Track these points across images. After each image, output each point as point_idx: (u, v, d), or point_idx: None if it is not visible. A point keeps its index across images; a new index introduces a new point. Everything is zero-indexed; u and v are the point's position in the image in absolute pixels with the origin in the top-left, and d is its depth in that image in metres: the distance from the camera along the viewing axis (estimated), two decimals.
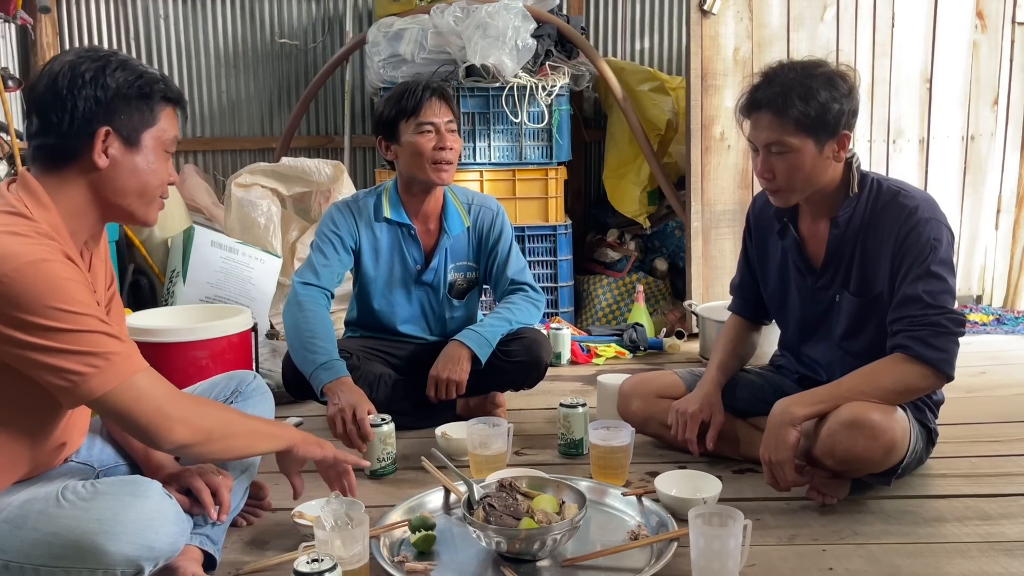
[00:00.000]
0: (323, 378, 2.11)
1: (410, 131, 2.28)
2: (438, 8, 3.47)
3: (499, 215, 2.49)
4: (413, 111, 2.26)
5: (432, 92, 2.28)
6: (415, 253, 2.42)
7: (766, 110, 1.82)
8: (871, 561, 1.62)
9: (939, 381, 1.79)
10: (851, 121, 1.84)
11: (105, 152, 1.38)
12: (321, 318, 2.23)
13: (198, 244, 3.13)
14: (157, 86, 1.42)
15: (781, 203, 1.93)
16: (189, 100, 4.35)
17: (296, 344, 2.20)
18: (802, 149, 1.81)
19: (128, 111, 1.39)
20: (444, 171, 2.30)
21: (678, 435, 2.08)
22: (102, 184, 1.40)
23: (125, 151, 1.40)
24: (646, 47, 4.40)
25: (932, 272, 1.79)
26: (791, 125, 1.79)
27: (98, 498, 1.29)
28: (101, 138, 1.37)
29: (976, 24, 3.51)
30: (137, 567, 1.29)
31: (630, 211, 3.95)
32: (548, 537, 1.55)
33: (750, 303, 2.22)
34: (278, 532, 1.78)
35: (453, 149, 2.29)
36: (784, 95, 1.79)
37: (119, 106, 1.38)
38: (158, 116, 1.43)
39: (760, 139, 1.85)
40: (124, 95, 1.38)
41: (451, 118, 2.31)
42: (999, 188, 3.66)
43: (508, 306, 2.40)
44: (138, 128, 1.41)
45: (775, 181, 1.86)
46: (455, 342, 2.29)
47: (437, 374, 2.24)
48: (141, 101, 1.40)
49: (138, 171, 1.41)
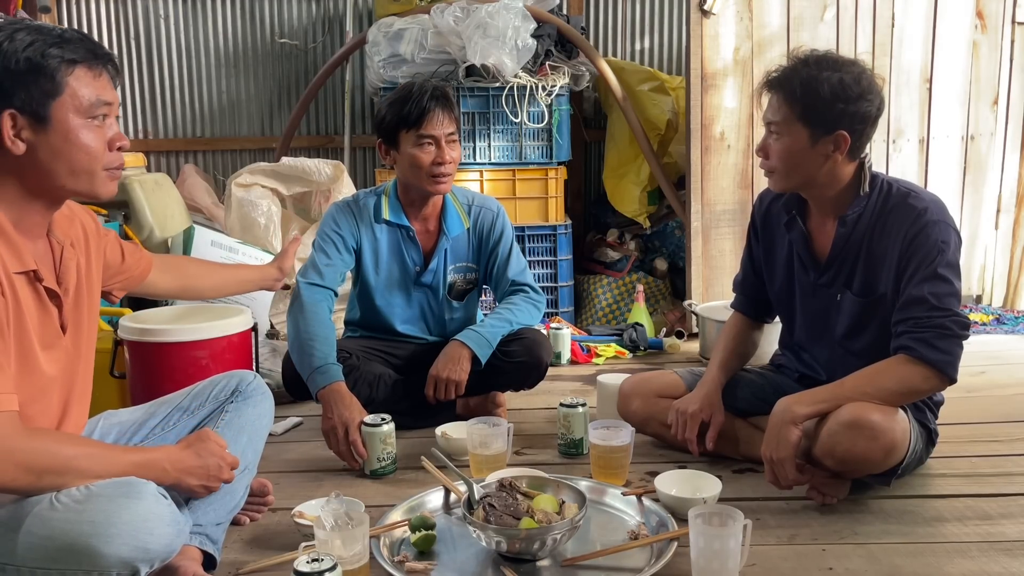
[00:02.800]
0: (318, 382, 2.13)
1: (410, 142, 2.26)
2: (438, 8, 3.47)
3: (499, 216, 2.48)
4: (415, 123, 2.24)
5: (436, 102, 2.25)
6: (414, 255, 2.42)
7: (776, 91, 1.87)
8: (871, 561, 1.62)
9: (942, 383, 1.79)
10: (856, 126, 1.83)
11: (19, 137, 1.29)
12: (322, 320, 2.23)
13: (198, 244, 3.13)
14: (51, 51, 1.28)
15: (773, 185, 1.97)
16: (189, 100, 4.36)
17: (295, 346, 2.21)
18: (794, 136, 1.85)
19: (24, 87, 1.27)
20: (441, 183, 2.30)
21: (678, 435, 2.08)
22: (27, 171, 1.31)
23: (39, 131, 1.30)
24: (646, 47, 4.40)
25: (938, 274, 1.79)
26: (790, 111, 1.84)
27: (92, 500, 1.27)
28: (8, 123, 1.28)
29: (976, 24, 3.51)
30: (132, 569, 1.28)
31: (630, 211, 3.95)
32: (548, 537, 1.55)
33: (752, 300, 2.22)
34: (278, 532, 1.78)
35: (452, 162, 2.29)
36: (791, 81, 1.83)
37: (11, 84, 1.26)
38: (63, 83, 1.30)
39: (765, 117, 1.92)
40: (13, 71, 1.26)
41: (452, 130, 2.29)
42: (999, 188, 3.66)
43: (509, 307, 2.40)
44: (43, 103, 1.29)
45: (768, 162, 1.92)
46: (455, 342, 2.28)
47: (437, 374, 2.24)
48: (36, 73, 1.27)
49: (58, 150, 1.31)
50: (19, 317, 1.33)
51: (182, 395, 1.76)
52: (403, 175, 2.34)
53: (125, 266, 1.76)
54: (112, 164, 1.39)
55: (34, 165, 1.31)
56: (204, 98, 4.37)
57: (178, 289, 1.97)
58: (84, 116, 1.33)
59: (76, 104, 1.32)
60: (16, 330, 1.33)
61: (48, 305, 1.41)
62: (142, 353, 2.27)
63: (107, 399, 2.22)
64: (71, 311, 1.46)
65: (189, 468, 1.44)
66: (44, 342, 1.39)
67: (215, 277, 2.06)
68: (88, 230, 1.57)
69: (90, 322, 1.53)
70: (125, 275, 1.77)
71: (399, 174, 2.36)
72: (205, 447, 1.48)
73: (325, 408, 2.11)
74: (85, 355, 1.52)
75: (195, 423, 1.71)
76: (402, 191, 2.39)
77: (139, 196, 3.26)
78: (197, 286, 2.01)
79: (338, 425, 2.07)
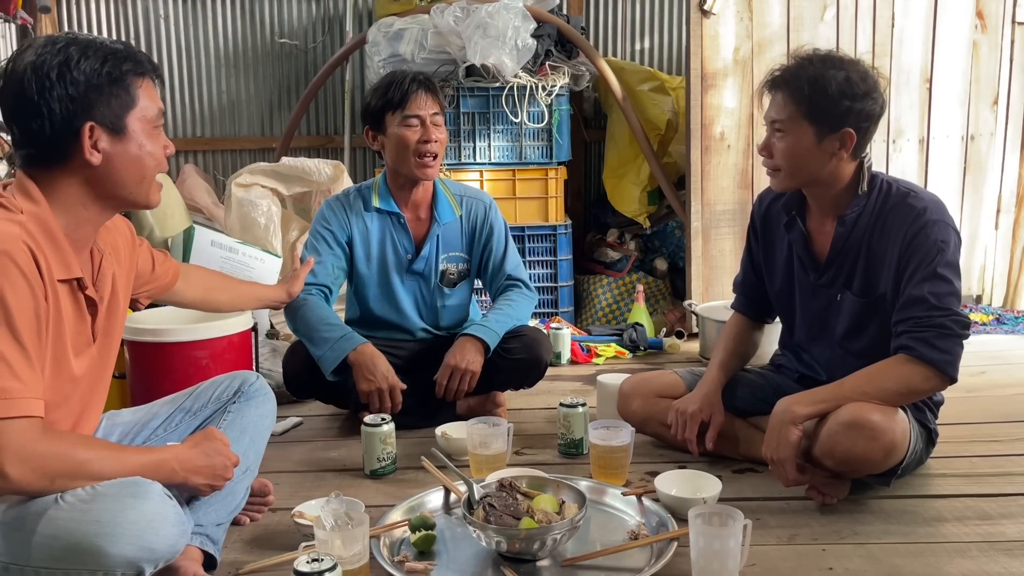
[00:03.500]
0: (344, 348, 2.21)
1: (396, 123, 2.30)
2: (438, 8, 3.47)
3: (491, 209, 2.51)
4: (399, 104, 2.29)
5: (419, 84, 2.31)
6: (405, 242, 2.43)
7: (780, 89, 1.87)
8: (871, 561, 1.62)
9: (942, 383, 1.79)
10: (862, 123, 1.84)
11: (96, 147, 1.35)
12: (325, 308, 2.31)
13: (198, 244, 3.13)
14: (125, 65, 1.36)
15: (776, 185, 1.97)
16: (189, 100, 4.36)
17: (305, 330, 2.27)
18: (800, 135, 1.84)
19: (106, 100, 1.34)
20: (428, 166, 2.32)
21: (678, 434, 2.08)
22: (100, 180, 1.37)
23: (115, 141, 1.36)
24: (646, 47, 4.40)
25: (938, 274, 1.79)
26: (795, 109, 1.84)
27: (98, 500, 1.28)
28: (87, 135, 1.33)
29: (976, 24, 3.51)
30: (137, 568, 1.29)
31: (630, 211, 3.95)
32: (548, 537, 1.55)
33: (752, 301, 2.22)
34: (278, 532, 1.78)
35: (438, 141, 2.32)
36: (797, 79, 1.83)
37: (95, 97, 1.33)
38: (136, 95, 1.38)
39: (768, 116, 1.91)
40: (96, 85, 1.33)
41: (437, 110, 2.33)
42: (999, 188, 3.66)
43: (508, 302, 2.42)
44: (121, 114, 1.36)
45: (771, 160, 1.91)
46: (464, 335, 2.30)
47: (454, 363, 2.25)
48: (115, 86, 1.35)
49: (133, 158, 1.38)
50: (58, 324, 1.36)
51: (184, 395, 1.76)
52: (391, 159, 2.37)
53: (155, 275, 1.79)
54: (162, 168, 1.45)
55: (108, 174, 1.37)
56: (204, 98, 4.36)
57: (199, 300, 2.01)
58: (150, 125, 1.40)
59: (144, 114, 1.40)
60: (53, 336, 1.35)
61: (85, 313, 1.43)
62: (142, 353, 2.27)
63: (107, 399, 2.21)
64: (103, 320, 1.49)
65: (197, 467, 1.46)
66: (76, 349, 1.41)
67: (232, 292, 2.11)
68: (125, 240, 1.61)
69: (117, 332, 1.56)
70: (154, 284, 1.81)
71: (387, 159, 2.39)
72: (212, 446, 1.49)
73: (362, 371, 2.19)
74: (109, 363, 1.55)
75: (197, 424, 1.71)
76: (391, 178, 2.43)
77: None
78: (216, 299, 2.05)
79: (381, 384, 2.18)
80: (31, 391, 1.27)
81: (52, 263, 1.33)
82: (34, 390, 1.28)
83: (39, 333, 1.30)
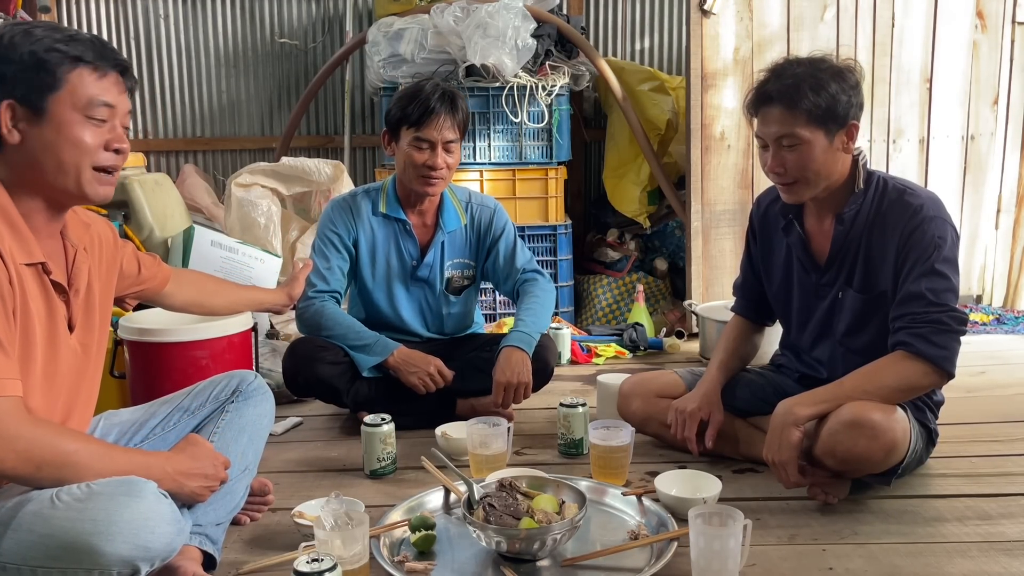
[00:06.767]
0: (381, 352, 2.31)
1: (408, 140, 2.29)
2: (438, 8, 3.47)
3: (497, 211, 2.52)
4: (416, 123, 2.26)
5: (443, 104, 2.26)
6: (410, 248, 2.43)
7: (777, 103, 1.82)
8: (871, 561, 1.62)
9: (941, 379, 1.79)
10: (858, 113, 1.85)
11: (15, 127, 1.33)
12: (343, 313, 2.38)
13: (198, 244, 3.13)
14: (57, 47, 1.33)
15: (793, 198, 1.92)
16: (189, 100, 4.36)
17: (339, 332, 2.34)
18: (813, 141, 1.82)
19: (27, 79, 1.31)
20: (432, 184, 2.32)
21: (677, 433, 2.08)
22: (22, 164, 1.35)
23: (33, 123, 1.33)
24: (646, 47, 4.40)
25: (935, 270, 1.79)
26: (802, 117, 1.80)
27: (93, 498, 1.28)
28: (6, 114, 1.32)
29: (976, 24, 3.51)
30: (133, 567, 1.28)
31: (630, 211, 3.95)
32: (548, 537, 1.55)
33: (752, 303, 2.22)
34: (278, 532, 1.78)
35: (445, 167, 2.31)
36: (796, 87, 1.80)
37: (20, 76, 1.31)
38: (63, 79, 1.34)
39: (771, 133, 1.85)
40: (21, 63, 1.31)
41: (453, 137, 2.30)
42: (999, 188, 3.66)
43: (534, 299, 2.43)
44: (41, 95, 1.32)
45: (786, 175, 1.86)
46: (508, 347, 2.30)
47: (507, 380, 2.25)
48: (40, 67, 1.32)
49: (49, 143, 1.34)
50: (25, 308, 1.35)
51: (183, 395, 1.76)
52: (399, 170, 2.39)
53: (141, 277, 1.80)
54: (103, 163, 1.40)
55: (26, 157, 1.35)
56: (204, 98, 4.37)
57: (194, 304, 2.01)
58: (81, 113, 1.36)
59: (74, 101, 1.35)
60: (22, 321, 1.34)
61: (55, 300, 1.42)
62: (142, 353, 2.27)
63: (107, 399, 2.21)
64: (81, 311, 1.49)
65: (186, 470, 1.46)
66: (50, 337, 1.41)
67: (230, 296, 2.11)
68: (104, 239, 1.61)
69: (101, 328, 1.55)
70: (141, 286, 1.82)
71: (397, 168, 2.40)
72: (197, 450, 1.51)
73: (405, 367, 2.30)
74: (94, 359, 1.54)
75: (196, 423, 1.71)
76: (399, 186, 2.43)
77: (139, 196, 3.26)
78: (212, 303, 2.05)
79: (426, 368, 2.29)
80: (6, 371, 1.28)
81: (13, 248, 1.34)
82: (9, 371, 1.28)
83: (6, 315, 1.30)
